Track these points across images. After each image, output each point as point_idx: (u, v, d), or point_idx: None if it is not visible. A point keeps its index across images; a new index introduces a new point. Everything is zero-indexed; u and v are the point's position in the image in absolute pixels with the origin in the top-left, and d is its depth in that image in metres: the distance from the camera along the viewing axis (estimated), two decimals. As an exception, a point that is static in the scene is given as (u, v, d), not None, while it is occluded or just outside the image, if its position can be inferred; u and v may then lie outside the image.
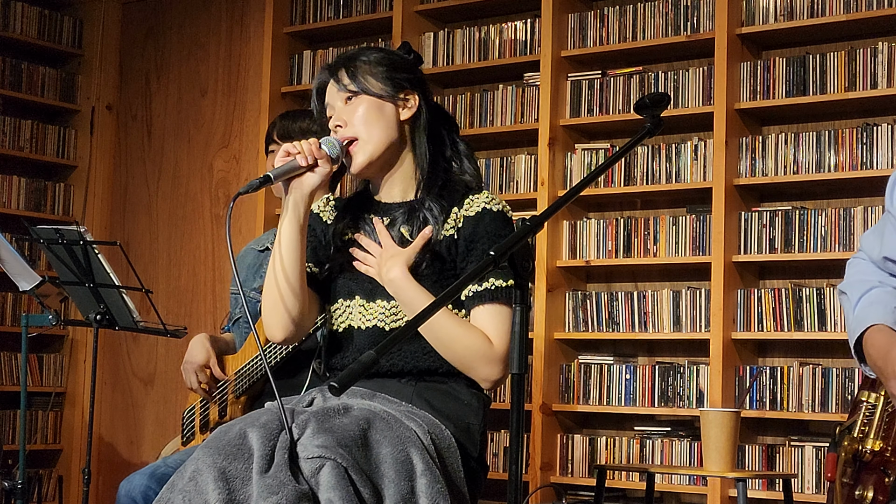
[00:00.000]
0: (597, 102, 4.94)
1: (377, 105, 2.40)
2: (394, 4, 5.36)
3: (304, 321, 2.39)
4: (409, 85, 2.43)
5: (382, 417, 2.15)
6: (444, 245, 2.36)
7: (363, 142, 2.38)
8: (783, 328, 4.49)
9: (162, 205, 6.24)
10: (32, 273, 4.18)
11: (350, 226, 2.46)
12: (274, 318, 2.37)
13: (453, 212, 2.38)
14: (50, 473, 6.14)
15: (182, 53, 6.25)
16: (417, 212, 2.39)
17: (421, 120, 2.44)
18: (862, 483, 2.45)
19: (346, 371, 1.71)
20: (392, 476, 2.05)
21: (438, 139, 2.47)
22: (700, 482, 4.55)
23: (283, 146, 2.34)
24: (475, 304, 2.33)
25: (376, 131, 2.38)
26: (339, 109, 2.41)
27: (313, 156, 2.31)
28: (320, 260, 2.45)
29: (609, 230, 4.86)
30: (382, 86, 2.40)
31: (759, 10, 4.63)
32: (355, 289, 2.39)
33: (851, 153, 4.44)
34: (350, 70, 2.41)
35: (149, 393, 6.18)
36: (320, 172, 2.32)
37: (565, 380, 4.89)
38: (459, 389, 2.34)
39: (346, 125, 2.39)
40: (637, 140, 2.13)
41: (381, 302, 2.36)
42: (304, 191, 2.33)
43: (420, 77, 2.48)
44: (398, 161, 2.44)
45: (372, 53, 2.45)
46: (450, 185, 2.42)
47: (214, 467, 1.99)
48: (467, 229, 2.36)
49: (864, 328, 2.26)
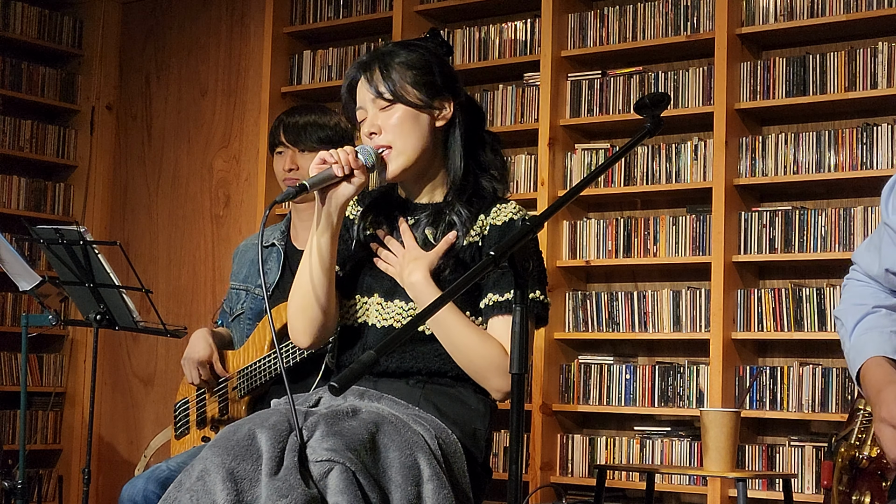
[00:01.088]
0: (597, 102, 4.94)
1: (413, 115, 2.35)
2: (394, 4, 5.36)
3: (330, 326, 2.38)
4: (444, 89, 2.39)
5: (391, 421, 2.15)
6: (468, 252, 2.35)
7: (398, 151, 2.34)
8: (783, 328, 4.49)
9: (162, 205, 6.24)
10: (32, 273, 4.18)
11: (374, 223, 2.44)
12: (301, 323, 2.35)
13: (479, 219, 2.36)
14: (50, 473, 6.14)
15: (182, 53, 6.25)
16: (444, 215, 2.37)
17: (455, 128, 2.41)
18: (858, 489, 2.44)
19: (347, 371, 1.71)
20: (399, 481, 2.05)
21: (471, 144, 2.43)
22: (700, 482, 4.55)
23: (320, 154, 2.28)
24: (494, 314, 2.31)
25: (411, 141, 2.34)
26: (373, 115, 2.36)
27: (350, 166, 2.26)
28: (343, 258, 2.43)
29: (609, 230, 4.86)
30: (418, 94, 2.35)
31: (759, 10, 4.63)
32: (375, 286, 2.38)
33: (851, 153, 4.44)
34: (384, 72, 2.35)
35: (149, 393, 6.18)
36: (356, 183, 2.28)
37: (565, 380, 4.89)
38: (467, 394, 2.33)
39: (380, 132, 2.35)
40: (637, 140, 2.13)
41: (399, 302, 2.35)
42: (339, 201, 2.29)
43: (452, 76, 2.43)
44: (430, 166, 2.41)
45: (407, 53, 2.39)
46: (479, 191, 2.40)
47: (223, 467, 1.99)
48: (493, 238, 2.34)
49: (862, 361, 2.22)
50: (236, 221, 5.89)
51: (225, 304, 3.38)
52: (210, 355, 3.14)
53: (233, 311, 3.31)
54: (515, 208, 2.37)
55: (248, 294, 3.27)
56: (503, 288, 2.29)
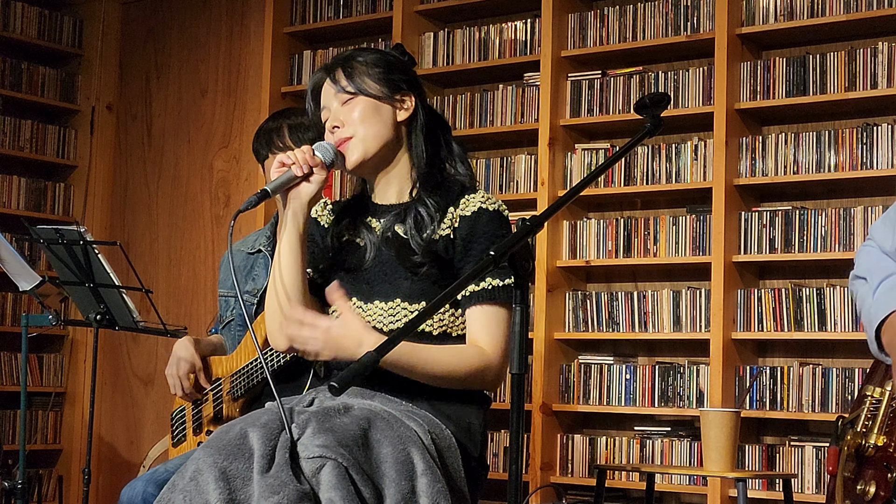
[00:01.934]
0: (597, 102, 4.94)
1: (374, 105, 2.40)
2: (394, 4, 5.36)
3: None
4: (405, 86, 2.44)
5: (383, 417, 2.15)
6: (441, 245, 2.36)
7: (357, 140, 2.38)
8: (783, 328, 4.48)
9: (162, 205, 6.24)
10: (32, 273, 4.18)
11: (348, 228, 2.47)
12: (277, 326, 2.36)
13: (449, 211, 2.38)
14: (50, 473, 6.14)
15: (182, 53, 6.25)
16: (413, 210, 2.39)
17: (417, 121, 2.45)
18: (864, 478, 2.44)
19: (347, 371, 1.71)
20: (393, 476, 2.05)
21: (433, 140, 2.48)
22: (700, 482, 4.55)
23: (277, 157, 2.35)
24: (471, 304, 2.33)
25: (372, 130, 2.39)
26: (336, 110, 2.41)
27: (308, 164, 2.32)
28: (319, 265, 2.46)
29: (609, 230, 4.86)
30: (379, 87, 2.41)
31: (759, 10, 4.63)
32: (352, 291, 2.39)
33: (851, 153, 4.44)
34: (347, 70, 2.41)
35: (149, 393, 6.18)
36: (316, 181, 2.33)
37: (565, 380, 4.89)
38: (460, 389, 2.34)
39: (343, 126, 2.40)
40: (637, 140, 2.13)
41: (378, 303, 2.36)
42: (301, 200, 2.34)
43: (415, 78, 2.49)
44: (394, 161, 2.44)
45: (368, 54, 2.45)
46: (445, 184, 2.43)
47: (215, 467, 1.99)
48: (464, 229, 2.36)
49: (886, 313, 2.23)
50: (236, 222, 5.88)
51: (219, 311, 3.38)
52: (189, 368, 3.12)
53: (223, 319, 3.30)
54: (484, 197, 2.39)
55: (237, 301, 3.26)
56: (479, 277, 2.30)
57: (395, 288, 2.36)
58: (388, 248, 2.39)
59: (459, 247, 2.36)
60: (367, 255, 2.41)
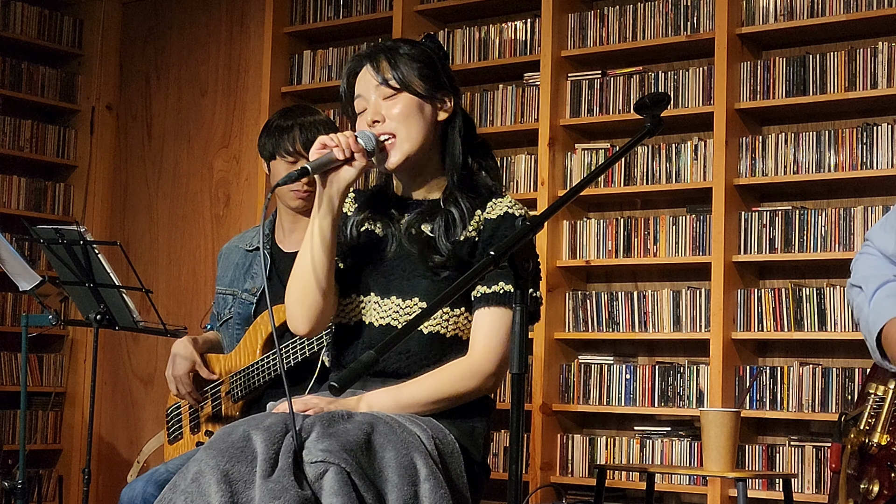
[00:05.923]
0: (597, 102, 4.94)
1: (418, 105, 2.35)
2: (394, 4, 5.36)
3: (328, 312, 2.36)
4: (447, 84, 2.40)
5: (386, 422, 2.14)
6: (465, 247, 2.34)
7: (401, 140, 2.33)
8: (783, 328, 4.48)
9: (162, 205, 6.24)
10: (32, 273, 4.18)
11: (370, 219, 2.43)
12: (300, 310, 2.34)
13: (476, 214, 2.36)
14: (50, 473, 6.14)
15: (182, 53, 6.25)
16: (441, 211, 2.36)
17: (456, 122, 2.41)
18: (867, 476, 2.44)
19: (347, 371, 1.71)
20: (395, 481, 2.04)
21: (467, 141, 2.44)
22: (700, 482, 4.55)
23: (320, 138, 2.27)
24: (480, 306, 2.31)
25: (415, 131, 2.34)
26: (376, 104, 2.35)
27: (350, 149, 2.26)
28: (343, 253, 2.42)
29: (609, 230, 4.86)
30: (424, 84, 2.36)
31: (759, 10, 4.63)
32: (370, 284, 2.37)
33: (851, 153, 4.44)
34: (392, 62, 2.35)
35: (149, 393, 6.18)
36: (357, 166, 2.27)
37: (565, 380, 4.89)
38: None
39: (384, 121, 2.34)
40: (637, 140, 2.13)
41: (395, 299, 2.34)
42: (340, 185, 2.28)
43: (452, 74, 2.44)
44: (428, 161, 2.40)
45: (412, 47, 2.39)
46: (476, 187, 2.40)
47: (217, 469, 1.99)
48: (487, 232, 2.34)
49: (883, 323, 2.23)
50: (236, 221, 5.89)
51: (214, 307, 3.37)
52: (190, 368, 3.12)
53: (221, 316, 3.28)
54: (511, 202, 2.37)
55: (236, 298, 3.24)
56: (492, 280, 2.29)
57: (413, 286, 2.33)
58: (411, 245, 2.35)
59: (481, 249, 2.33)
60: (389, 247, 2.38)
